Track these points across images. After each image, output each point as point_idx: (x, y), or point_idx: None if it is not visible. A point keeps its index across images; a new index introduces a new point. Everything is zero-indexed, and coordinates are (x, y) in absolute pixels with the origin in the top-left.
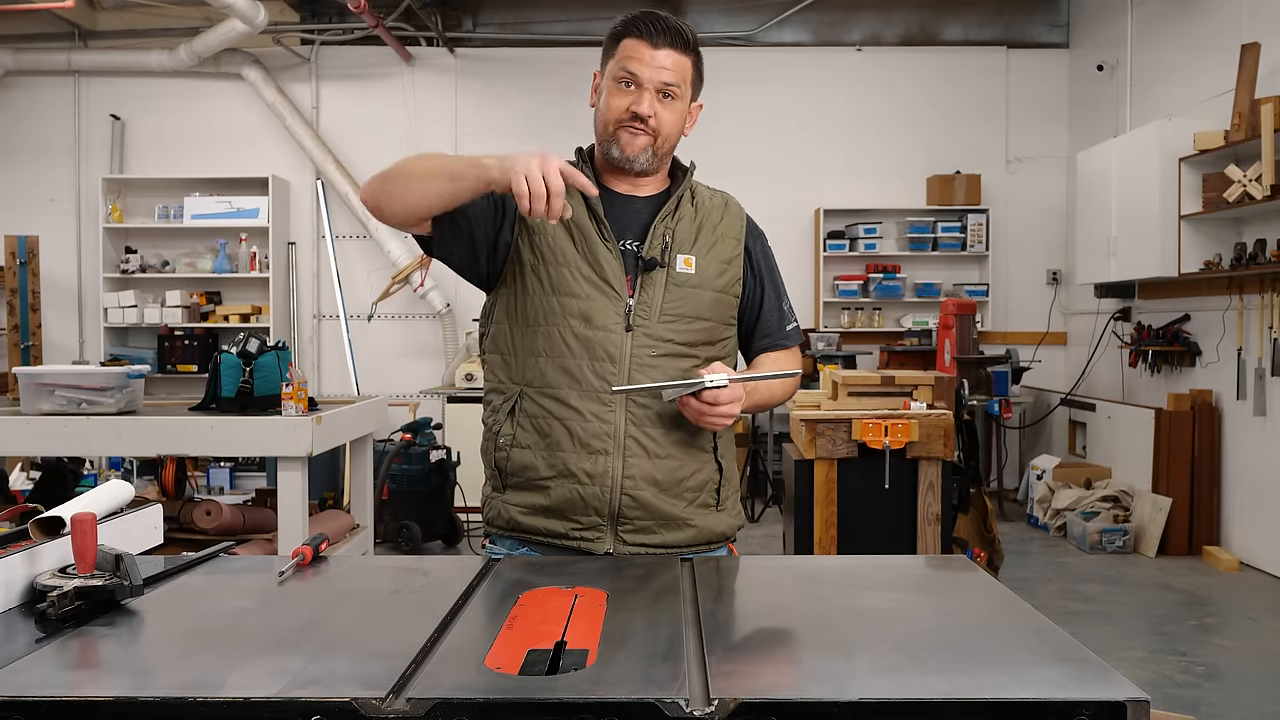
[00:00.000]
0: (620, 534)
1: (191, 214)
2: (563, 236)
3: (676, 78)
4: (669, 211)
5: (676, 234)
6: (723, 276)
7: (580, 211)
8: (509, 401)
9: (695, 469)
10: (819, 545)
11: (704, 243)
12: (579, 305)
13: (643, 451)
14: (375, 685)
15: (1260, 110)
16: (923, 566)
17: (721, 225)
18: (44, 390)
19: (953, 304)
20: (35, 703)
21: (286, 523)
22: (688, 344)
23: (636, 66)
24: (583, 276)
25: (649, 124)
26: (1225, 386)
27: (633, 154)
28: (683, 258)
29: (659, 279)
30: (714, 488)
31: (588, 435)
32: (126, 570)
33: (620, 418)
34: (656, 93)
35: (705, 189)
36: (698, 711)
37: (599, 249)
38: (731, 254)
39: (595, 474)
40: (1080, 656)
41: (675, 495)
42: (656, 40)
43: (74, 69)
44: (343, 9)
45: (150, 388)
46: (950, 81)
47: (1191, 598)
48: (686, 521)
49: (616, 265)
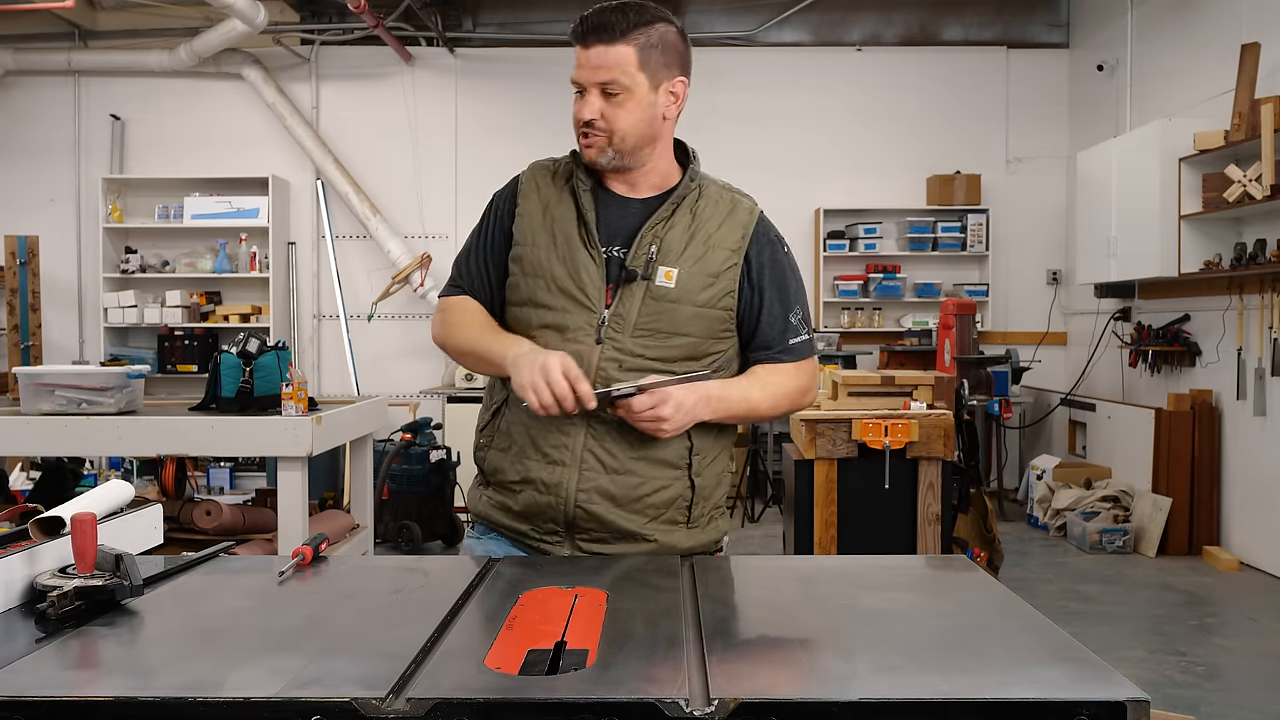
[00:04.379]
0: (578, 543)
1: (191, 214)
2: (546, 246)
3: (613, 73)
4: (661, 219)
5: (665, 243)
6: (708, 290)
7: (568, 217)
8: (496, 403)
9: (660, 485)
10: (819, 545)
11: (693, 253)
12: (553, 317)
13: (600, 465)
14: (375, 685)
15: (1260, 110)
16: (923, 566)
17: (718, 234)
18: (44, 390)
19: (953, 304)
20: (35, 703)
21: (286, 523)
22: (662, 359)
23: (576, 72)
24: (558, 289)
25: (596, 126)
26: (1225, 386)
27: (590, 159)
28: (664, 270)
29: (637, 291)
30: (684, 505)
31: (548, 446)
32: (126, 570)
33: (580, 431)
34: (600, 94)
35: (718, 190)
36: (698, 711)
37: (581, 257)
38: (722, 266)
39: (552, 484)
40: (1080, 656)
41: (634, 511)
42: (586, 40)
43: (74, 69)
44: (343, 9)
45: (150, 388)
46: (950, 81)
47: (1191, 598)
48: (645, 537)
49: (597, 275)
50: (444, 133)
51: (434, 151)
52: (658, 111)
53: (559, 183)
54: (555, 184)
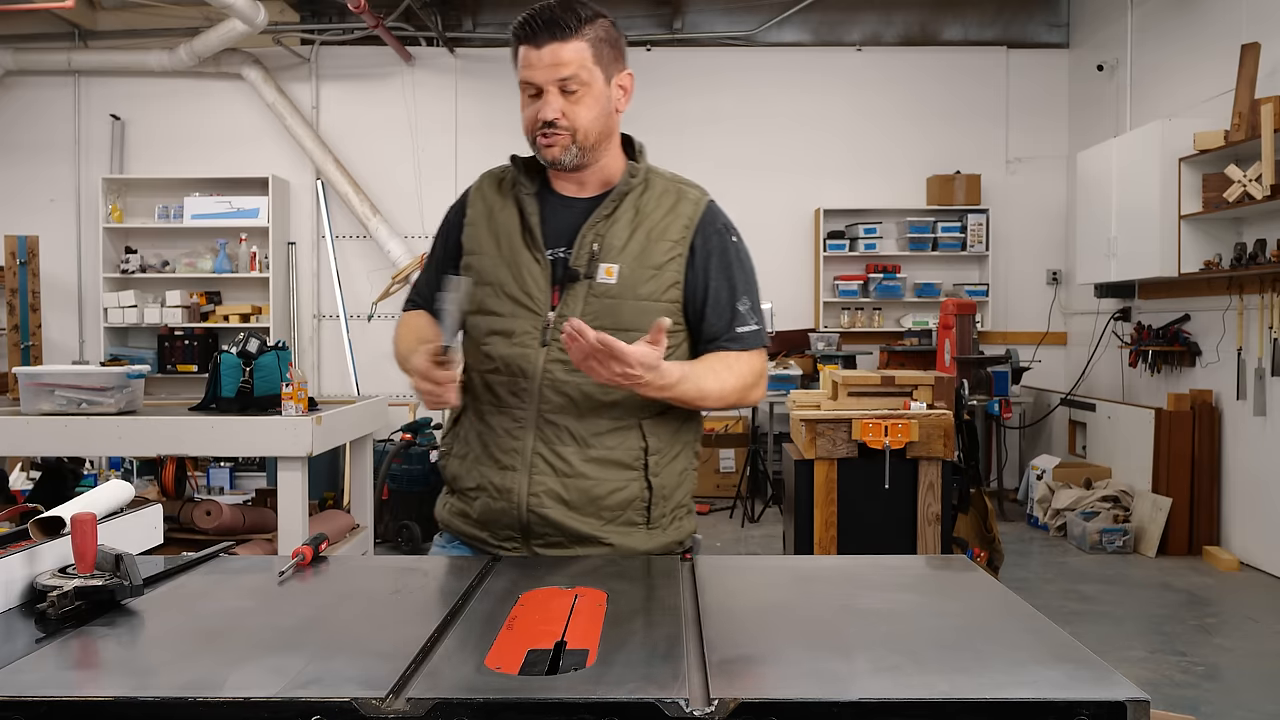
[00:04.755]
0: (534, 547)
1: (191, 214)
2: (492, 253)
3: (572, 70)
4: (601, 216)
5: (608, 239)
6: (650, 283)
7: (511, 222)
8: (458, 411)
9: (615, 487)
10: (819, 545)
11: (635, 248)
12: (500, 323)
13: (550, 470)
14: (375, 685)
15: (1260, 110)
16: (923, 566)
17: (661, 225)
18: (44, 390)
19: (953, 304)
20: (35, 703)
21: (286, 523)
22: None
23: (529, 73)
24: (505, 295)
25: (560, 125)
26: (1225, 386)
27: (553, 156)
28: (605, 267)
29: (580, 291)
30: (642, 506)
31: (499, 451)
32: (126, 570)
33: (529, 434)
34: (559, 92)
35: (665, 181)
36: (698, 711)
37: (524, 260)
38: (665, 258)
39: (504, 489)
40: (1080, 656)
41: (589, 514)
42: (538, 40)
43: (74, 69)
44: (343, 9)
45: (150, 388)
46: (950, 81)
47: (1191, 598)
48: (601, 540)
49: (541, 277)
50: (444, 133)
51: (434, 151)
52: (612, 105)
53: (504, 189)
54: (501, 191)
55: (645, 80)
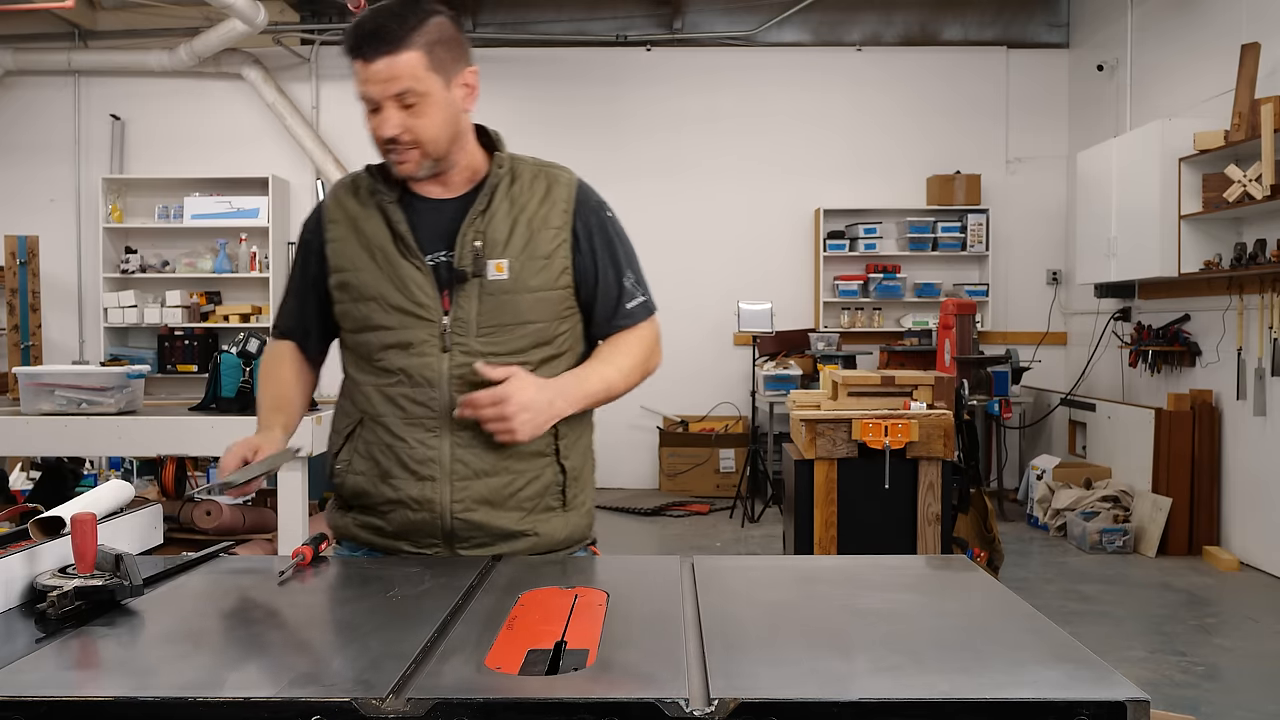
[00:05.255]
0: (457, 551)
1: (191, 214)
2: (368, 267)
3: (406, 83)
4: (478, 212)
5: (489, 236)
6: (542, 273)
7: (380, 232)
8: (349, 426)
9: (532, 477)
10: (819, 545)
11: (519, 239)
12: (393, 337)
13: (471, 474)
14: (375, 685)
15: (1260, 110)
16: (923, 566)
17: (540, 213)
18: (44, 390)
19: (953, 304)
20: (35, 703)
21: (286, 523)
22: (514, 353)
23: (363, 88)
24: (391, 307)
25: (403, 140)
26: (1225, 386)
27: (407, 173)
28: (494, 263)
29: (472, 291)
30: (558, 490)
31: (414, 463)
32: (126, 570)
33: (445, 441)
34: (397, 105)
35: (531, 169)
36: (698, 711)
37: (404, 270)
38: (552, 245)
39: (424, 500)
40: (1080, 656)
41: (511, 508)
42: (367, 54)
43: (74, 69)
44: (343, 9)
45: (150, 388)
46: (950, 81)
47: (1191, 598)
48: (524, 533)
49: (426, 284)
50: None
51: None
52: (457, 109)
53: (363, 198)
54: (360, 201)
55: (645, 80)
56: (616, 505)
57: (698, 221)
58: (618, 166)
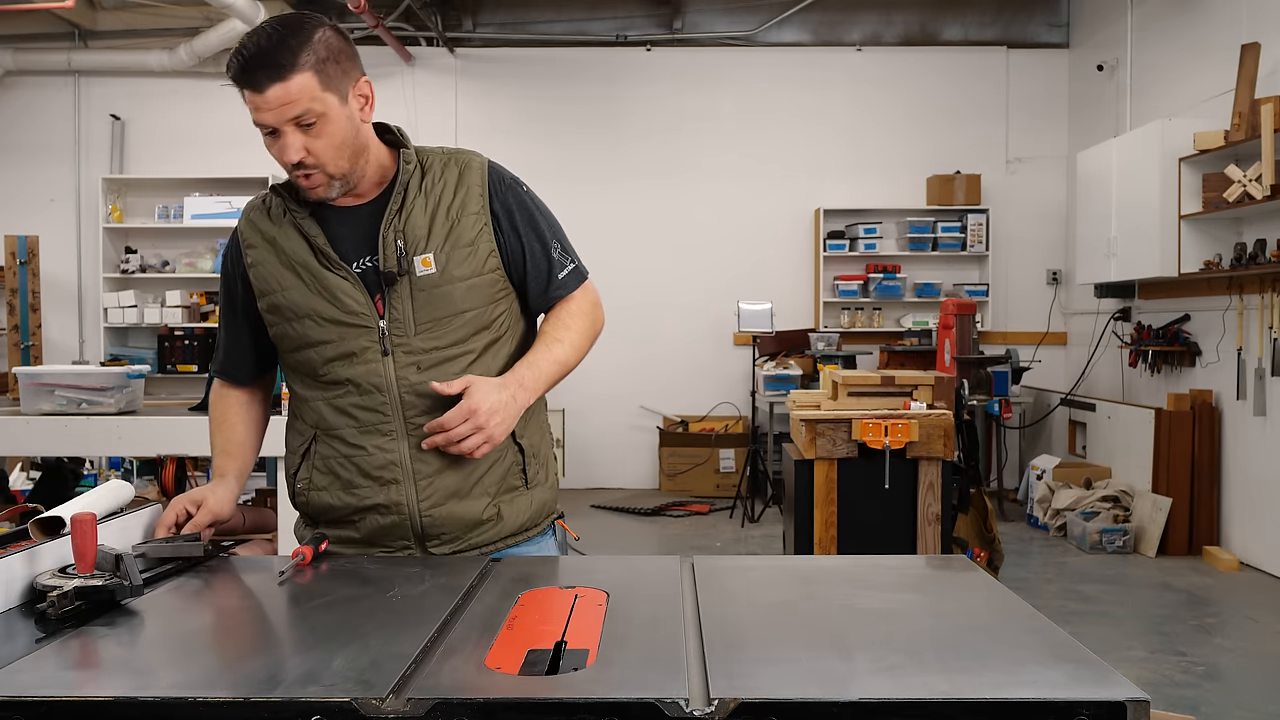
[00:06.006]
0: (429, 549)
1: (191, 214)
2: (294, 285)
3: (302, 106)
4: (394, 212)
5: (409, 233)
6: (469, 261)
7: (300, 248)
8: (304, 444)
9: (492, 461)
10: (819, 545)
11: (440, 231)
12: (333, 349)
13: (433, 471)
14: (375, 685)
15: (1260, 110)
16: (923, 566)
17: (457, 202)
18: (44, 390)
19: (953, 304)
20: (35, 703)
21: (286, 523)
22: (455, 344)
23: (259, 116)
24: (326, 320)
25: (307, 163)
26: (1225, 386)
27: (320, 196)
28: (420, 259)
29: (403, 290)
30: (519, 469)
31: (375, 469)
32: (126, 570)
33: (403, 445)
34: (296, 129)
35: (440, 159)
36: (698, 711)
37: (331, 282)
38: (475, 231)
39: (392, 504)
40: (1080, 656)
41: (477, 495)
42: (258, 83)
43: (74, 69)
44: (343, 9)
45: (150, 388)
46: (950, 81)
47: (1191, 598)
48: (492, 519)
49: (355, 291)
50: (444, 133)
51: None
52: (356, 122)
53: (276, 218)
54: (274, 220)
55: (645, 80)
56: (616, 505)
57: (698, 221)
58: (617, 166)
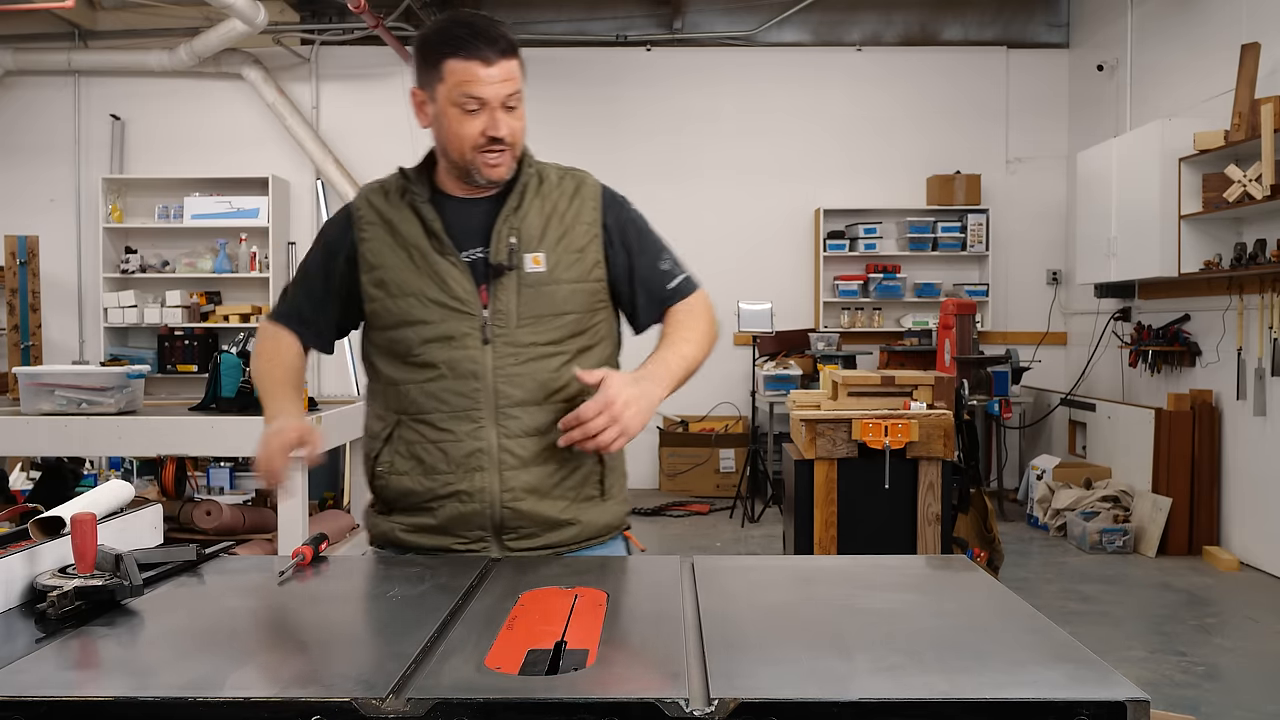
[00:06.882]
0: (505, 543)
1: (191, 214)
2: (402, 264)
3: (516, 84)
4: (511, 209)
5: (523, 231)
6: (577, 266)
7: (415, 231)
8: (387, 428)
9: (574, 467)
10: (819, 545)
11: (553, 234)
12: (434, 330)
13: (518, 462)
14: (375, 685)
15: (1260, 110)
16: (923, 566)
17: (571, 210)
18: (44, 390)
19: (953, 304)
20: (35, 703)
21: (286, 523)
22: (553, 342)
23: (478, 89)
24: (430, 301)
25: (509, 141)
26: (1225, 386)
27: (499, 176)
28: (530, 256)
29: (510, 284)
30: (597, 479)
31: (462, 454)
32: (126, 570)
33: (492, 433)
34: (503, 107)
35: (556, 172)
36: (698, 711)
37: (441, 266)
38: (585, 240)
39: (475, 491)
40: (1080, 656)
41: (556, 497)
42: (487, 56)
43: (74, 69)
44: (343, 9)
45: (150, 388)
46: (950, 81)
47: (1191, 598)
48: (569, 521)
49: (464, 279)
50: None
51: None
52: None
53: (394, 200)
54: (391, 202)
55: (645, 80)
56: None
57: (697, 221)
58: (617, 166)
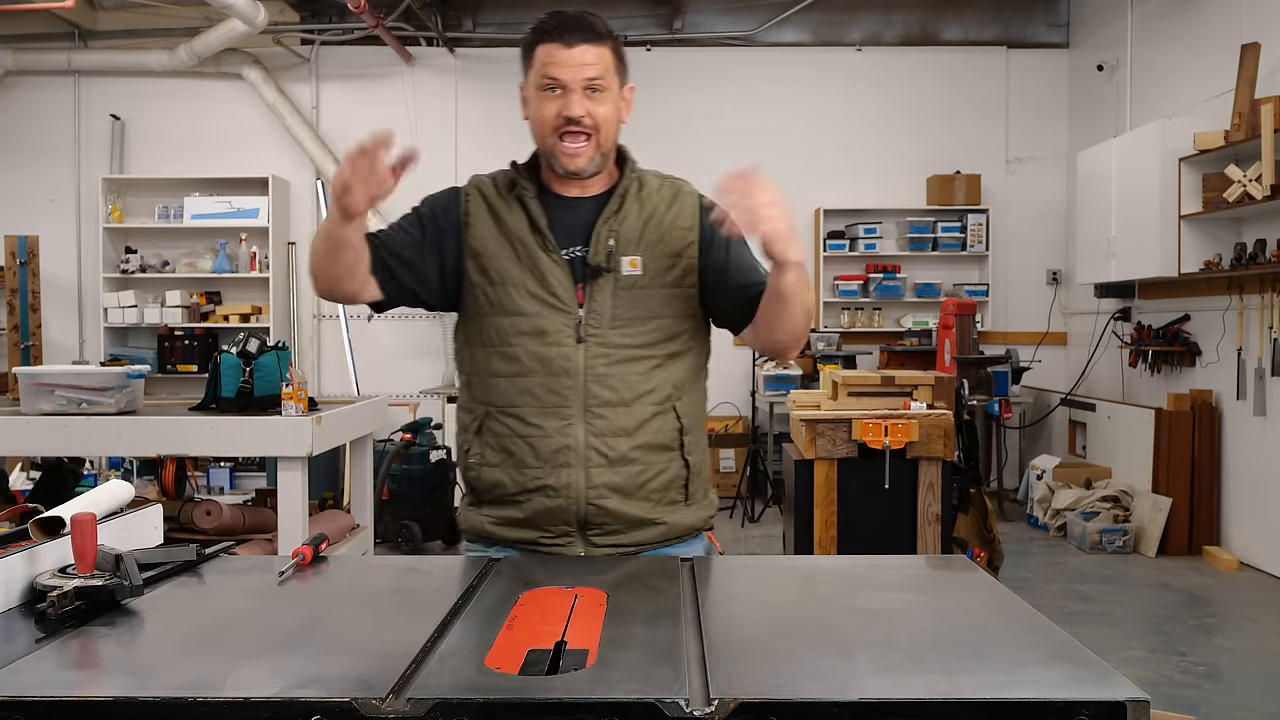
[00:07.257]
0: (590, 539)
1: (191, 214)
2: (507, 255)
3: (599, 70)
4: (611, 212)
5: (622, 234)
6: (673, 271)
7: (522, 225)
8: (476, 420)
9: (659, 470)
10: (819, 545)
11: (650, 239)
12: (529, 323)
13: (604, 460)
14: (375, 685)
15: (1260, 110)
16: (923, 566)
17: (669, 216)
18: (44, 390)
19: (953, 304)
20: (35, 703)
21: (286, 523)
22: (644, 345)
23: (557, 70)
24: (529, 294)
25: (584, 124)
26: (1225, 386)
27: (577, 166)
28: (628, 259)
29: (606, 285)
30: (681, 484)
31: (550, 450)
32: (126, 570)
33: (580, 430)
34: (584, 90)
35: (655, 179)
36: (698, 711)
37: (543, 262)
38: (682, 245)
39: (560, 487)
40: (1080, 656)
41: (640, 498)
42: (570, 39)
43: (74, 69)
44: (343, 9)
45: (150, 388)
46: (950, 81)
47: (1191, 598)
48: (654, 521)
49: (563, 276)
50: (444, 133)
51: (434, 152)
52: (620, 114)
53: (503, 192)
54: (500, 194)
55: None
56: None
57: None
58: None
